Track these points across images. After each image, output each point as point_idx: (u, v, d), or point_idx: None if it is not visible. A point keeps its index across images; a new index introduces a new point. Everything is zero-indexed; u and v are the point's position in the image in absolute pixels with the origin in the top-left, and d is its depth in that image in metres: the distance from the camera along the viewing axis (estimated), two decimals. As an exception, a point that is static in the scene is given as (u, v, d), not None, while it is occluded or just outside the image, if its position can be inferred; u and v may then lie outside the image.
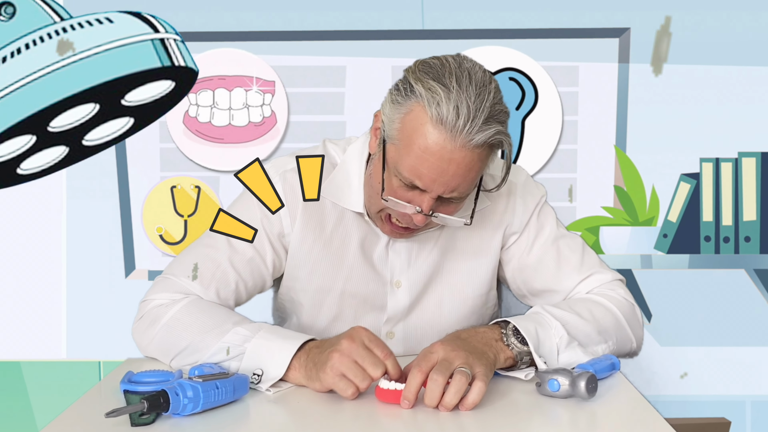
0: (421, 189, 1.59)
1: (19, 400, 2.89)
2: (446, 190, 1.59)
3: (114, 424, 1.32)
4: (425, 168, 1.56)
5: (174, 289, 1.76)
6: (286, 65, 2.81)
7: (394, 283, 1.85)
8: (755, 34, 2.75)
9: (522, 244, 1.87)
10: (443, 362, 1.45)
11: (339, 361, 1.46)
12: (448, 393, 1.41)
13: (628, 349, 1.80)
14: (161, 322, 1.71)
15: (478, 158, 1.57)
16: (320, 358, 1.49)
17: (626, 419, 1.41)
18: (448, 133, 1.53)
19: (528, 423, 1.39)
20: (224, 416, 1.39)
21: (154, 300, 1.77)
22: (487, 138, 1.54)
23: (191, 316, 1.69)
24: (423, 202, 1.61)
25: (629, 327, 1.78)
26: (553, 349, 1.61)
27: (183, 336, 1.67)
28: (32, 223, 2.87)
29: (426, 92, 1.54)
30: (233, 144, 2.81)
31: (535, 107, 2.77)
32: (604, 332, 1.71)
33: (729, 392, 2.86)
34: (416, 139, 1.55)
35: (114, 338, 2.85)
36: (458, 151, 1.54)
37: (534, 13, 2.75)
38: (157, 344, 1.72)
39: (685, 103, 2.78)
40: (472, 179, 1.60)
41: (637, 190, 2.79)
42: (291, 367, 1.54)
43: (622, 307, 1.78)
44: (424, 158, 1.55)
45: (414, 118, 1.56)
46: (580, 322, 1.68)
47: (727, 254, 2.79)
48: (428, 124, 1.54)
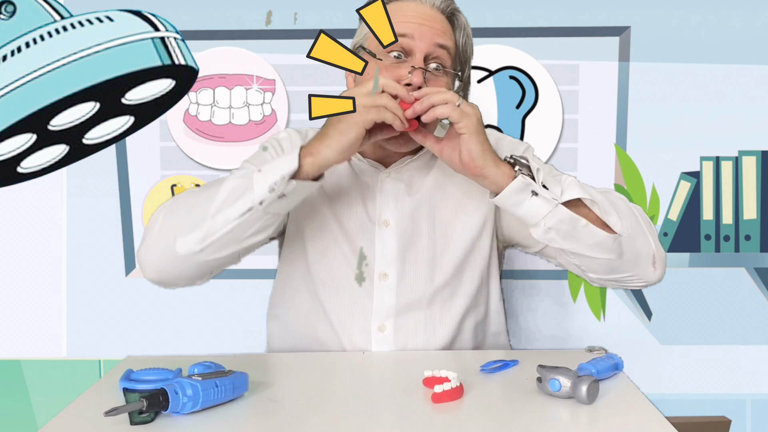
0: (409, 50, 1.78)
1: (20, 398, 2.89)
2: (431, 43, 1.78)
3: (113, 423, 1.32)
4: (407, 19, 1.78)
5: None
6: (287, 64, 2.81)
7: (382, 221, 1.89)
8: (756, 32, 2.75)
9: None
10: (456, 100, 1.64)
11: (360, 96, 1.63)
12: (435, 95, 1.65)
13: (647, 249, 1.77)
14: (159, 218, 1.73)
15: (447, 27, 1.84)
16: (331, 122, 1.65)
17: (628, 418, 1.40)
18: (416, 1, 1.82)
19: (528, 421, 1.38)
20: (224, 415, 1.39)
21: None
22: (446, 4, 1.84)
23: (187, 193, 1.76)
24: (414, 61, 1.77)
25: (646, 228, 1.78)
26: (557, 185, 1.68)
27: (184, 208, 1.71)
28: (32, 221, 2.87)
29: None
30: (233, 142, 2.81)
31: (535, 106, 2.77)
32: (618, 210, 1.73)
33: (729, 391, 2.86)
34: (393, 14, 1.70)
35: (114, 337, 2.86)
36: (429, 10, 1.81)
37: (534, 12, 2.75)
38: (156, 239, 1.71)
39: (686, 101, 2.77)
40: (450, 45, 1.82)
41: (637, 188, 2.79)
42: (305, 156, 1.64)
43: (638, 209, 1.82)
44: (405, 17, 1.78)
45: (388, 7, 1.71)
46: (593, 190, 1.73)
47: (728, 253, 2.79)
48: (396, 4, 1.82)
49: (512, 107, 2.76)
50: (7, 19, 2.67)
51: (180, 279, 1.75)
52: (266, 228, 1.68)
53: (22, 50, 2.63)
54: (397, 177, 1.92)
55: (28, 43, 2.63)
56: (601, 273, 1.77)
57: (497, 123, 2.76)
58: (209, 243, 1.65)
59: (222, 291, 2.84)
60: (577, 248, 1.70)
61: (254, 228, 1.66)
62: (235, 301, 2.84)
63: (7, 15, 2.67)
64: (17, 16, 2.67)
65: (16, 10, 2.68)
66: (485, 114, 2.76)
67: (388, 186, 1.91)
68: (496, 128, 2.76)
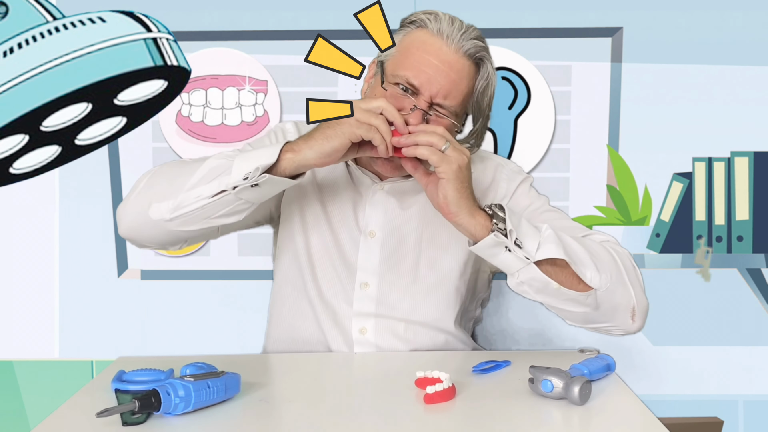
0: (416, 92, 1.75)
1: (12, 399, 2.88)
2: (439, 91, 1.75)
3: (105, 424, 1.32)
4: (424, 66, 1.75)
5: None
6: (279, 65, 2.80)
7: (369, 232, 1.91)
8: (748, 33, 2.76)
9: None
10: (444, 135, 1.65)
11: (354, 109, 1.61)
12: (422, 134, 1.65)
13: (626, 302, 1.74)
14: (143, 179, 1.77)
15: (469, 71, 1.80)
16: (320, 127, 1.66)
17: (620, 419, 1.40)
18: (444, 40, 1.77)
19: (521, 422, 1.39)
20: (216, 415, 1.39)
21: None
22: (476, 50, 1.80)
23: (173, 163, 1.79)
24: (418, 103, 1.75)
25: (628, 279, 1.74)
26: (534, 239, 1.64)
27: (166, 176, 1.73)
28: (24, 222, 2.86)
29: (425, 15, 1.80)
30: (226, 143, 2.81)
31: (527, 107, 2.77)
32: (598, 262, 1.70)
33: (722, 392, 2.86)
34: (416, 45, 1.78)
35: (107, 337, 2.85)
36: (453, 55, 1.77)
37: (526, 13, 2.75)
38: (135, 199, 1.75)
39: (678, 102, 2.78)
40: (462, 91, 1.79)
41: (629, 189, 2.79)
42: (286, 151, 1.64)
43: (622, 259, 1.77)
44: (423, 58, 1.76)
45: (414, 35, 1.81)
46: (572, 242, 1.69)
47: (720, 254, 2.79)
48: (427, 35, 1.78)
49: (504, 108, 2.76)
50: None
51: (150, 242, 1.80)
52: (239, 212, 1.69)
53: (14, 51, 2.62)
54: (390, 190, 1.94)
55: (21, 44, 2.63)
56: (577, 322, 1.77)
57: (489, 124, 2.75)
58: (179, 214, 1.68)
59: (214, 292, 2.84)
60: (550, 302, 1.69)
61: (225, 210, 1.67)
62: (228, 302, 2.84)
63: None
64: (9, 17, 2.67)
65: (9, 10, 2.67)
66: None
67: (379, 198, 1.94)
68: (489, 129, 2.76)
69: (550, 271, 1.64)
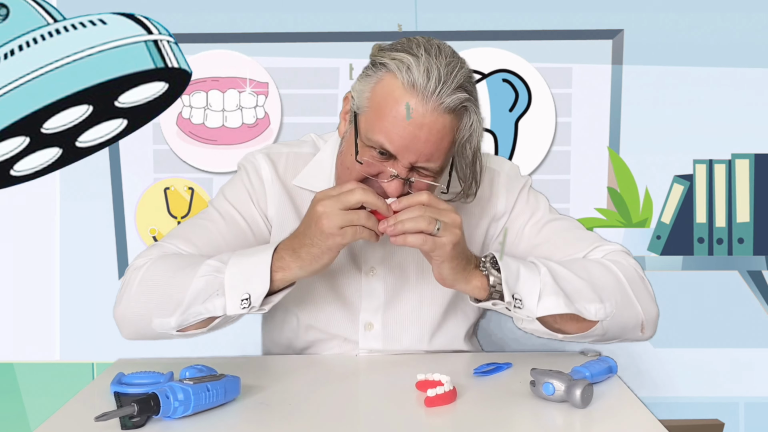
0: (394, 157, 1.58)
1: (13, 401, 2.88)
2: (419, 157, 1.57)
3: (104, 428, 1.32)
4: (397, 133, 1.55)
5: (149, 252, 1.75)
6: (280, 67, 2.80)
7: (369, 269, 1.84)
8: (749, 35, 2.75)
9: (512, 231, 1.86)
10: (438, 211, 1.51)
11: (329, 221, 1.47)
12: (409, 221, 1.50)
13: (634, 320, 1.70)
14: (134, 283, 1.66)
15: (450, 125, 1.57)
16: (308, 239, 1.50)
17: (621, 422, 1.40)
18: (419, 96, 1.53)
19: (522, 426, 1.38)
20: (215, 419, 1.38)
21: (129, 268, 1.73)
22: (458, 103, 1.55)
23: (163, 267, 1.66)
24: (397, 169, 1.59)
25: (634, 295, 1.70)
26: (533, 291, 1.56)
27: (159, 288, 1.63)
28: (26, 224, 2.86)
29: (395, 62, 1.55)
30: (226, 145, 2.81)
31: (528, 109, 2.77)
32: (601, 291, 1.64)
33: (722, 393, 2.86)
34: (387, 105, 1.56)
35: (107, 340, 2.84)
36: (429, 115, 1.54)
37: (527, 15, 2.75)
38: (133, 309, 1.66)
39: (679, 104, 2.78)
40: (444, 149, 1.59)
41: (630, 191, 2.79)
42: (274, 271, 1.54)
43: (627, 273, 1.72)
44: (395, 123, 1.55)
45: (384, 85, 1.57)
46: (572, 276, 1.63)
47: (721, 256, 2.79)
48: (399, 89, 1.55)
49: (505, 110, 2.76)
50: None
51: (159, 339, 1.70)
52: (241, 317, 1.63)
53: (15, 53, 2.63)
54: None
55: (21, 47, 2.63)
56: (588, 344, 1.76)
57: (490, 126, 2.76)
58: (185, 326, 1.61)
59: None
60: (560, 337, 1.67)
61: (229, 321, 1.62)
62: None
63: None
64: (10, 20, 2.67)
65: (9, 13, 2.67)
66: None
67: None
68: (490, 132, 2.76)
69: (554, 316, 1.60)
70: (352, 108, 1.65)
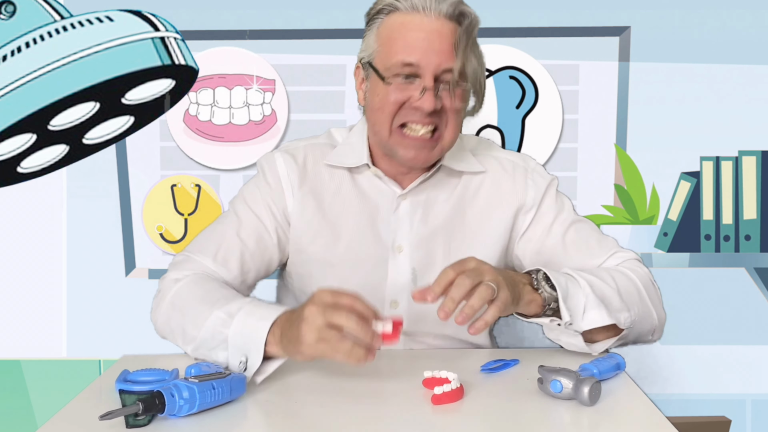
0: (415, 74, 1.71)
1: (20, 398, 2.89)
2: (440, 61, 1.70)
3: (109, 426, 1.32)
4: (414, 43, 1.70)
5: (184, 267, 1.81)
6: (287, 64, 2.81)
7: (396, 247, 1.87)
8: (756, 32, 2.75)
9: (540, 226, 1.90)
10: (474, 270, 1.49)
11: (308, 330, 1.42)
12: (472, 298, 1.44)
13: (650, 326, 1.76)
14: (167, 298, 1.74)
15: (456, 31, 1.71)
16: (292, 333, 1.47)
17: (629, 419, 1.40)
18: (421, 12, 1.71)
19: (529, 423, 1.38)
20: (221, 417, 1.38)
21: (167, 277, 1.81)
22: (453, 8, 1.71)
23: (188, 296, 1.72)
24: (425, 82, 1.71)
25: (650, 302, 1.76)
26: (580, 306, 1.61)
27: (182, 316, 1.70)
28: (32, 221, 2.86)
29: (388, 1, 1.74)
30: (233, 142, 2.81)
31: (535, 106, 2.77)
32: (626, 300, 1.69)
33: (729, 391, 2.86)
34: (396, 30, 1.73)
35: (114, 337, 2.85)
36: (435, 22, 1.71)
37: (534, 12, 2.75)
38: (161, 323, 1.76)
39: (686, 101, 2.77)
40: (459, 52, 1.71)
41: (637, 188, 2.79)
42: (269, 344, 1.53)
43: (643, 280, 1.78)
44: (409, 37, 1.71)
45: (386, 24, 1.75)
46: (604, 285, 1.68)
47: (728, 253, 2.79)
48: (402, 16, 1.73)
49: (512, 107, 2.76)
50: (7, 19, 2.67)
51: None
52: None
53: (22, 50, 2.63)
54: (413, 200, 1.88)
55: (28, 43, 2.63)
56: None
57: (497, 123, 2.76)
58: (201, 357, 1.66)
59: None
60: (587, 349, 1.69)
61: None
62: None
63: (7, 15, 2.67)
64: (17, 16, 2.67)
65: (16, 10, 2.68)
66: (486, 114, 2.75)
67: (403, 210, 1.87)
68: (497, 128, 2.76)
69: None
70: (363, 66, 1.80)
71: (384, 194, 1.88)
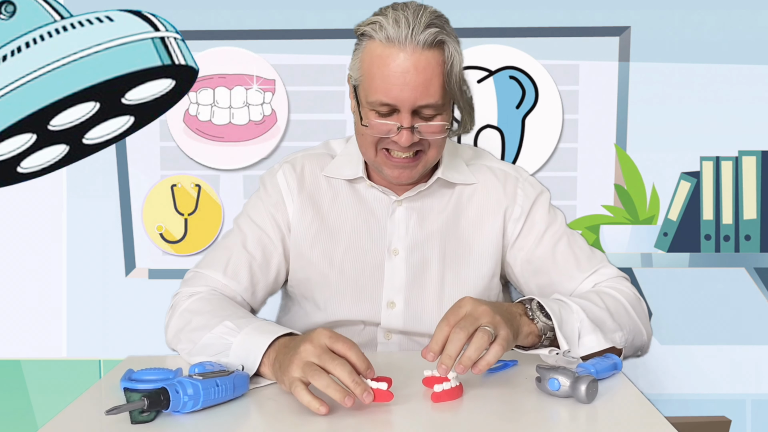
0: (394, 109, 1.73)
1: (20, 398, 2.89)
2: (416, 99, 1.71)
3: (114, 422, 1.32)
4: (390, 84, 1.71)
5: (196, 282, 1.87)
6: (287, 64, 2.81)
7: (392, 250, 1.92)
8: (756, 32, 2.75)
9: (532, 235, 1.94)
10: (469, 317, 1.48)
11: (296, 363, 1.42)
12: (468, 349, 1.43)
13: (640, 342, 1.80)
14: (177, 311, 1.79)
15: (435, 59, 1.72)
16: (285, 360, 1.48)
17: (627, 418, 1.40)
18: (397, 46, 1.71)
19: (528, 420, 1.38)
20: (224, 414, 1.39)
21: (179, 293, 1.86)
22: (432, 37, 1.70)
23: (197, 309, 1.76)
24: (401, 120, 1.72)
25: (638, 318, 1.79)
26: (575, 332, 1.63)
27: (186, 324, 1.74)
28: (32, 221, 2.86)
29: (370, 26, 1.74)
30: (233, 142, 2.81)
31: (535, 106, 2.77)
32: (618, 320, 1.73)
33: (729, 391, 2.86)
34: (375, 64, 1.73)
35: (114, 337, 2.85)
36: (411, 57, 1.70)
37: (534, 12, 2.75)
38: (170, 334, 1.80)
39: (686, 101, 2.77)
40: (438, 84, 1.72)
41: (637, 188, 2.79)
42: (262, 364, 1.55)
43: (629, 299, 1.81)
44: (385, 76, 1.72)
45: (368, 51, 1.75)
46: (596, 308, 1.70)
47: (728, 253, 2.79)
48: (379, 48, 1.73)
49: (512, 107, 2.76)
50: (7, 19, 2.67)
51: None
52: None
53: (22, 50, 2.63)
54: (409, 206, 1.94)
55: (28, 43, 2.63)
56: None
57: (497, 123, 2.76)
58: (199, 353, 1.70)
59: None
60: None
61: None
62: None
63: (7, 15, 2.67)
64: (17, 16, 2.67)
65: (16, 10, 2.68)
66: (485, 114, 2.76)
67: (399, 215, 1.93)
68: (496, 128, 2.76)
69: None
70: (351, 83, 1.83)
71: (380, 200, 1.95)
